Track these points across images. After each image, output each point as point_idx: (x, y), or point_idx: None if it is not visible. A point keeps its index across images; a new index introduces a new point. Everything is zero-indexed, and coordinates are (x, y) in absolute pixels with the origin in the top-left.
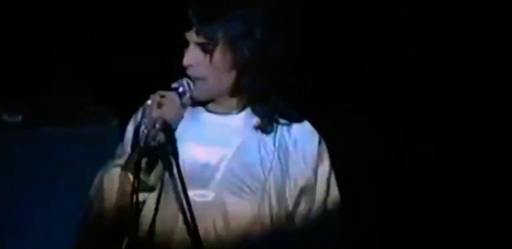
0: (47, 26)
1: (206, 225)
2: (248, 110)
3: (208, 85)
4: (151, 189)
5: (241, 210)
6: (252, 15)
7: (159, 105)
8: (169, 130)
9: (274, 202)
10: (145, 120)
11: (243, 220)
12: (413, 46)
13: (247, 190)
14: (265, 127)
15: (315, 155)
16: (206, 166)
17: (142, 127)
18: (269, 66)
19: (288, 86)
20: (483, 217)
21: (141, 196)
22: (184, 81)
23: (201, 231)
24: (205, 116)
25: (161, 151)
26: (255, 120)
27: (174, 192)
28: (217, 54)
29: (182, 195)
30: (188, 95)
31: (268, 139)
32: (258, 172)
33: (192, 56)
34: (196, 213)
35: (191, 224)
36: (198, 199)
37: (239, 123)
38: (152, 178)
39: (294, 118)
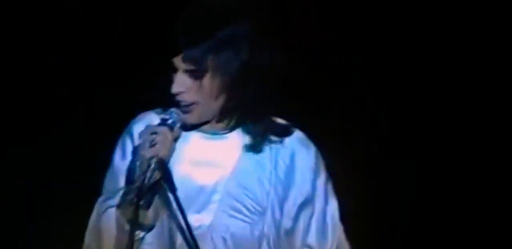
0: None
1: None
2: (239, 130)
3: (200, 110)
4: (150, 228)
5: (241, 232)
6: (239, 32)
7: (152, 144)
8: (164, 168)
9: (274, 221)
10: (138, 159)
11: (244, 242)
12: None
13: (246, 212)
14: (259, 147)
15: (312, 168)
16: (202, 189)
17: (136, 166)
18: (257, 83)
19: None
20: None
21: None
22: (173, 111)
23: None
24: (196, 136)
25: (159, 189)
26: (248, 139)
27: (175, 225)
28: (206, 80)
29: (185, 228)
30: (178, 125)
31: (263, 157)
32: (256, 192)
33: (182, 83)
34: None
35: None
36: (195, 224)
37: (232, 142)
38: (151, 216)
39: (287, 132)
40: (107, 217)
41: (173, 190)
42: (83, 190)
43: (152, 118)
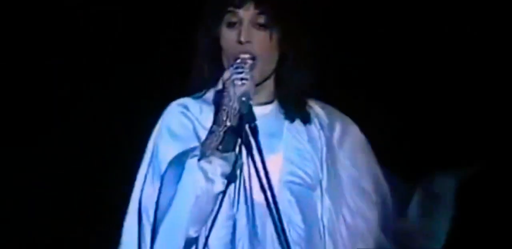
0: None
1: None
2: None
3: (261, 67)
4: (234, 178)
5: (303, 196)
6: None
7: (242, 82)
8: (251, 108)
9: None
10: (226, 98)
11: (307, 204)
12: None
13: (306, 176)
14: (303, 115)
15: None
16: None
17: (224, 106)
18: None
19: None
20: None
21: (222, 186)
22: (241, 62)
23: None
24: None
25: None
26: (291, 108)
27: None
28: (275, 33)
29: (262, 174)
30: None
31: (308, 126)
32: (312, 155)
33: (251, 34)
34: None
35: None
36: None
37: (274, 112)
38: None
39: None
40: (191, 165)
41: (256, 133)
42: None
43: (189, 101)
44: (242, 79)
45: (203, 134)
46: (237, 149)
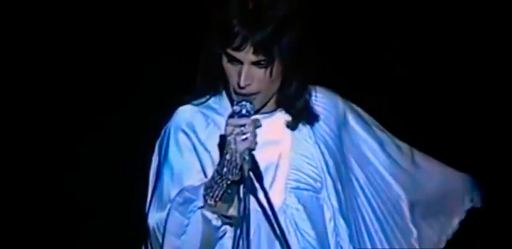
0: None
1: (290, 228)
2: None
3: (261, 97)
4: (237, 223)
5: (310, 201)
6: (296, 11)
7: (245, 137)
8: (254, 159)
9: (339, 187)
10: (228, 154)
11: (314, 209)
12: None
13: (311, 181)
14: (307, 118)
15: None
16: (267, 168)
17: (226, 161)
18: (305, 68)
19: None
20: None
21: (223, 232)
22: (243, 101)
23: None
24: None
25: (246, 180)
26: (289, 116)
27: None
28: (274, 69)
29: (272, 217)
30: (252, 113)
31: (310, 129)
32: (315, 159)
33: (250, 75)
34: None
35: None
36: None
37: (279, 120)
38: (236, 207)
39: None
40: (196, 218)
41: (261, 179)
42: None
43: (193, 111)
44: (244, 133)
45: (203, 155)
46: (241, 195)
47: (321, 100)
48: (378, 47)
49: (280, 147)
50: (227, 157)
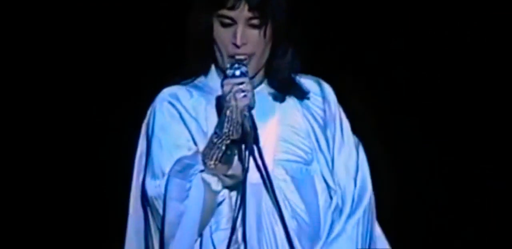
0: None
1: (280, 197)
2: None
3: (256, 61)
4: (236, 187)
5: (299, 173)
6: None
7: (244, 94)
8: (252, 116)
9: (323, 155)
10: (228, 111)
11: (303, 182)
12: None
13: (300, 152)
14: (295, 92)
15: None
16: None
17: (227, 119)
18: (295, 36)
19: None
20: None
21: (223, 197)
22: (236, 64)
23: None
24: None
25: (246, 139)
26: (282, 89)
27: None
28: (268, 29)
29: (267, 180)
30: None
31: (297, 103)
32: (304, 130)
33: (245, 35)
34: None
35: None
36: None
37: (269, 91)
38: (239, 168)
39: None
40: (197, 180)
41: (257, 139)
42: None
43: (178, 87)
44: (243, 91)
45: (190, 123)
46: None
47: (305, 80)
48: (378, 47)
49: (268, 118)
50: (228, 114)
